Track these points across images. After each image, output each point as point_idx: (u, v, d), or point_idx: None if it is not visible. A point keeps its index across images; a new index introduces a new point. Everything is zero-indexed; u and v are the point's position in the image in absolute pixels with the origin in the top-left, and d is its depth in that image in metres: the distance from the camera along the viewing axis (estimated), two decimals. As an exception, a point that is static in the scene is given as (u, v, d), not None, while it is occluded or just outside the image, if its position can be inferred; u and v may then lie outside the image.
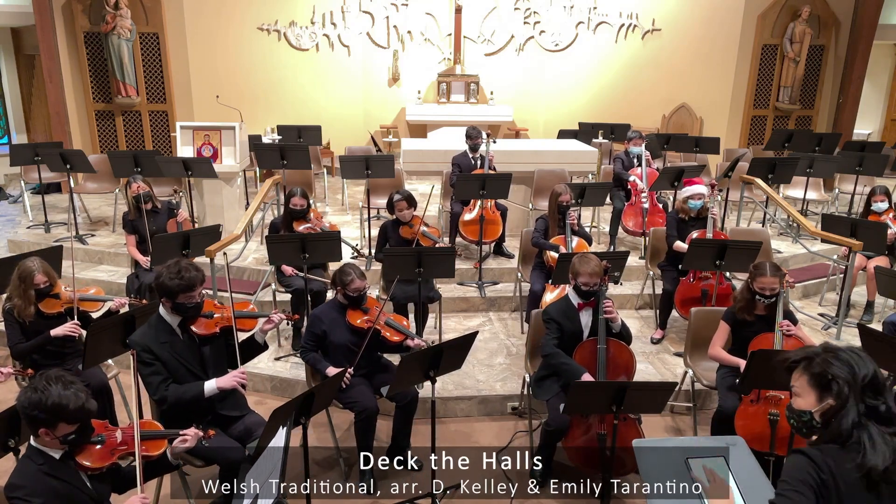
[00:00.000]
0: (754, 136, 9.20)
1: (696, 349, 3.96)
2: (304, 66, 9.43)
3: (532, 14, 9.86)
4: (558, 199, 4.78)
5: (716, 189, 5.35)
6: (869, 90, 10.35)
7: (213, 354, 3.09)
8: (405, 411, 3.58)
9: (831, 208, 7.53)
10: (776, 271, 3.48)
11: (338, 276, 3.57)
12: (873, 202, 5.44)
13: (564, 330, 3.51)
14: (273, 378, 4.41)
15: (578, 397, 3.01)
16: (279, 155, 6.14)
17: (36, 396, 2.13)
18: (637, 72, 9.65)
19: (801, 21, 8.61)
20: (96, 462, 2.28)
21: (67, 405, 2.14)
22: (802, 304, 5.72)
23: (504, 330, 5.15)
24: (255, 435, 2.97)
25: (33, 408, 2.13)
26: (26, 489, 2.14)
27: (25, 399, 2.15)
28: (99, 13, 7.79)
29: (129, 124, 8.41)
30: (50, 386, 2.14)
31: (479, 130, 5.95)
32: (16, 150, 6.89)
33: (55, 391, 2.13)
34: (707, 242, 4.51)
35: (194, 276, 2.91)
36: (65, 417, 2.15)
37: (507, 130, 9.97)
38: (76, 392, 2.17)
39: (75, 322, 3.49)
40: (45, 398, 2.12)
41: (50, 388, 2.14)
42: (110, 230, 6.64)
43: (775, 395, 3.28)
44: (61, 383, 2.16)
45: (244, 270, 5.70)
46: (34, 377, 3.39)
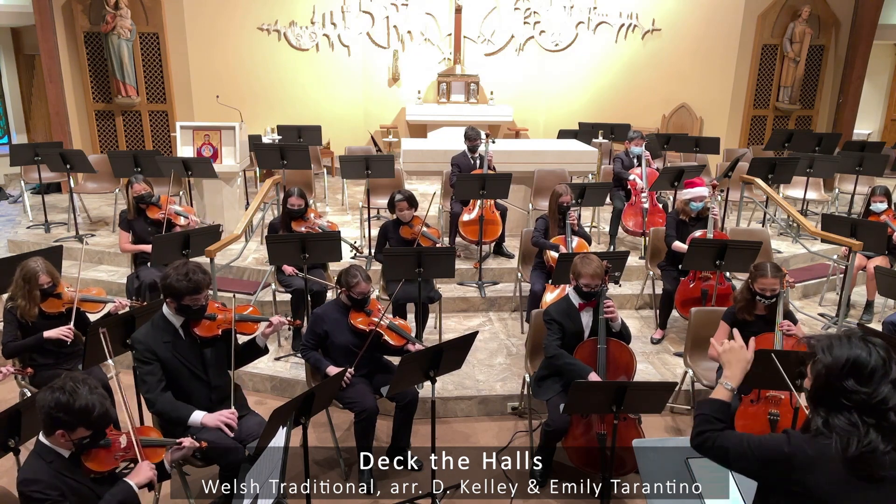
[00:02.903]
0: (754, 136, 9.21)
1: (696, 349, 3.97)
2: (304, 66, 9.43)
3: (532, 14, 9.86)
4: (559, 199, 4.78)
5: (716, 189, 5.35)
6: (869, 90, 10.35)
7: (214, 356, 3.09)
8: (405, 411, 3.58)
9: (831, 208, 7.53)
10: (777, 272, 3.48)
11: (343, 278, 3.57)
12: (872, 202, 5.44)
13: (566, 330, 3.51)
14: (273, 378, 4.40)
15: (579, 397, 3.00)
16: (279, 155, 6.14)
17: (64, 398, 2.11)
18: (637, 72, 9.65)
19: (801, 21, 8.61)
20: (100, 465, 2.28)
21: (92, 411, 2.13)
22: (802, 304, 5.72)
23: (504, 330, 5.15)
24: (255, 435, 2.96)
25: (59, 409, 2.11)
26: (43, 483, 2.13)
27: (52, 399, 2.12)
28: (99, 13, 7.79)
29: (129, 124, 8.41)
30: (78, 388, 2.12)
31: (477, 131, 5.94)
32: (16, 149, 6.89)
33: (83, 394, 2.11)
34: (707, 242, 4.51)
35: (201, 278, 2.92)
36: (87, 422, 2.15)
37: (507, 130, 9.97)
38: (101, 397, 2.16)
39: (69, 326, 3.45)
40: (74, 401, 2.10)
41: (78, 390, 2.12)
42: (110, 230, 6.63)
43: (775, 395, 3.28)
44: (88, 387, 2.14)
45: (244, 270, 5.70)
46: (34, 377, 3.44)
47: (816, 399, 1.68)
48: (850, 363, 1.61)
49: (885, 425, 1.60)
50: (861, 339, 1.65)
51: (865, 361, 1.61)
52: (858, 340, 1.65)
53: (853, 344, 1.64)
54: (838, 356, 1.63)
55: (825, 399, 1.65)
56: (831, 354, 1.64)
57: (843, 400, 1.62)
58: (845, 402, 1.62)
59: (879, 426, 1.60)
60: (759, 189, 6.29)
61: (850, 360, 1.62)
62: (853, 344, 1.64)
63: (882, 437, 1.59)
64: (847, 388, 1.61)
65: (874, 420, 1.60)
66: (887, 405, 1.59)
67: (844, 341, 1.65)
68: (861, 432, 1.59)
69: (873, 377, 1.60)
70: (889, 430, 1.60)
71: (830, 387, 1.63)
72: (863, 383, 1.60)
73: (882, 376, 1.60)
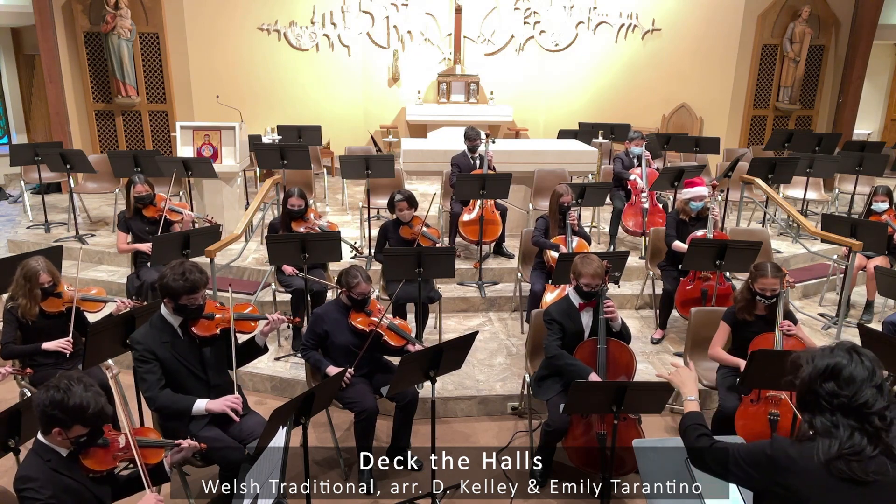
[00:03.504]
0: (754, 136, 9.20)
1: (696, 349, 3.96)
2: (304, 66, 9.42)
3: (532, 14, 9.86)
4: (559, 199, 4.78)
5: (716, 189, 5.35)
6: (869, 90, 10.34)
7: (213, 356, 3.08)
8: (405, 411, 3.57)
9: (831, 208, 7.53)
10: (777, 272, 3.48)
11: (343, 278, 3.56)
12: (874, 202, 5.44)
13: (566, 330, 3.50)
14: (273, 378, 4.40)
15: (579, 397, 3.00)
16: (279, 155, 6.13)
17: (59, 396, 2.11)
18: (637, 72, 9.64)
19: (801, 21, 8.61)
20: (98, 465, 2.28)
21: (88, 408, 2.13)
22: (802, 304, 5.72)
23: (504, 330, 5.15)
24: (255, 435, 2.96)
25: (54, 407, 2.11)
26: (38, 481, 2.13)
27: (47, 398, 2.12)
28: (99, 13, 7.78)
29: (129, 124, 8.40)
30: (73, 386, 2.12)
31: (477, 131, 5.94)
32: (16, 149, 6.88)
33: (78, 392, 2.12)
34: (707, 242, 4.50)
35: (198, 278, 2.91)
36: (82, 420, 2.14)
37: (507, 130, 9.97)
38: (96, 395, 2.16)
39: (68, 339, 3.45)
40: (68, 398, 2.11)
41: (73, 388, 2.12)
42: (110, 230, 6.62)
43: (776, 395, 3.28)
44: (83, 385, 2.14)
45: (244, 271, 5.69)
46: (34, 377, 3.44)
47: (801, 404, 1.76)
48: (830, 369, 1.68)
49: (870, 429, 1.64)
50: (848, 350, 1.71)
51: (844, 367, 1.67)
52: (843, 351, 1.71)
53: (835, 353, 1.71)
54: (819, 364, 1.70)
55: (809, 403, 1.72)
56: (813, 363, 1.71)
57: (824, 403, 1.68)
58: (826, 404, 1.68)
59: (864, 429, 1.64)
60: (759, 189, 6.29)
61: (830, 366, 1.69)
62: (835, 353, 1.71)
63: (868, 441, 1.64)
64: (827, 391, 1.67)
65: (857, 423, 1.65)
66: (870, 409, 1.64)
67: (827, 352, 1.73)
68: (843, 434, 1.64)
69: (853, 381, 1.66)
70: (874, 433, 1.64)
71: (812, 391, 1.70)
72: (842, 387, 1.66)
73: (863, 381, 1.65)
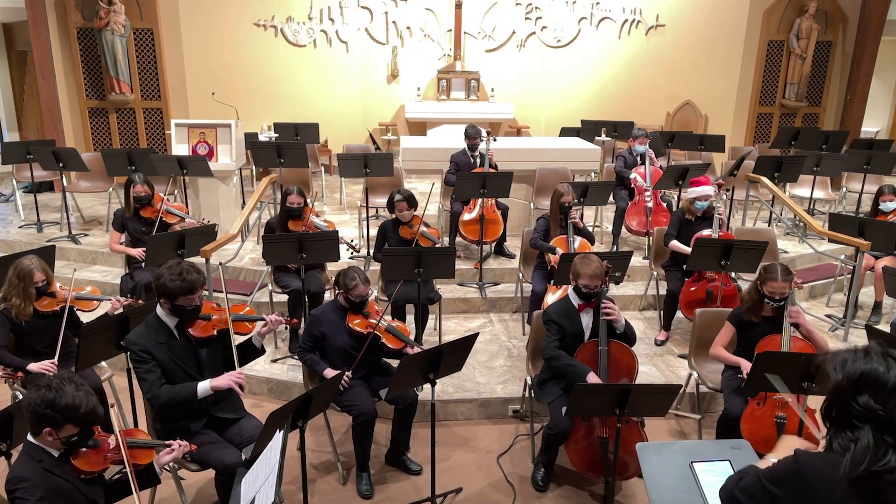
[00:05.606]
0: (760, 133, 9.11)
1: (700, 351, 3.89)
2: (301, 63, 9.35)
3: (534, 9, 9.78)
4: (560, 198, 4.69)
5: (721, 188, 5.27)
6: (877, 87, 10.23)
7: (209, 357, 3.05)
8: (404, 414, 3.53)
9: (838, 207, 7.44)
10: (787, 275, 3.42)
11: (341, 280, 3.51)
12: (881, 202, 5.36)
13: (565, 331, 3.45)
14: (270, 380, 4.33)
15: (581, 400, 2.96)
16: (276, 153, 6.08)
17: (50, 395, 2.13)
18: (641, 68, 9.56)
19: (807, 17, 8.52)
20: (89, 466, 2.29)
21: (79, 407, 2.15)
22: (809, 305, 5.63)
23: (505, 331, 5.07)
24: (252, 438, 2.94)
25: (45, 406, 2.13)
26: (29, 482, 2.15)
27: (38, 397, 2.14)
28: (92, 9, 7.70)
29: (123, 122, 8.31)
30: (64, 386, 2.15)
31: (477, 129, 5.86)
32: (7, 148, 6.81)
33: (69, 392, 2.14)
34: (712, 242, 4.42)
35: (195, 278, 2.89)
36: (74, 419, 2.16)
37: (508, 128, 9.89)
38: (87, 395, 2.19)
39: (52, 361, 3.41)
40: (59, 398, 2.13)
41: (64, 387, 2.15)
42: (104, 230, 6.55)
43: (782, 398, 3.20)
44: (74, 384, 2.17)
45: (240, 271, 5.61)
46: (25, 380, 3.36)
47: (828, 416, 1.59)
48: (866, 378, 1.51)
49: None
50: (881, 353, 1.55)
51: (884, 377, 1.50)
52: (877, 355, 1.54)
53: (870, 359, 1.54)
54: (851, 371, 1.53)
55: (837, 416, 1.56)
56: (843, 371, 1.54)
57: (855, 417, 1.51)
58: (857, 419, 1.51)
59: None
60: (765, 188, 6.21)
61: (866, 374, 1.51)
62: (870, 359, 1.54)
63: None
64: (860, 404, 1.51)
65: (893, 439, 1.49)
66: None
67: (860, 356, 1.55)
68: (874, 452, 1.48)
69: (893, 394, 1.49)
70: None
71: (842, 403, 1.54)
72: (879, 400, 1.50)
73: None
